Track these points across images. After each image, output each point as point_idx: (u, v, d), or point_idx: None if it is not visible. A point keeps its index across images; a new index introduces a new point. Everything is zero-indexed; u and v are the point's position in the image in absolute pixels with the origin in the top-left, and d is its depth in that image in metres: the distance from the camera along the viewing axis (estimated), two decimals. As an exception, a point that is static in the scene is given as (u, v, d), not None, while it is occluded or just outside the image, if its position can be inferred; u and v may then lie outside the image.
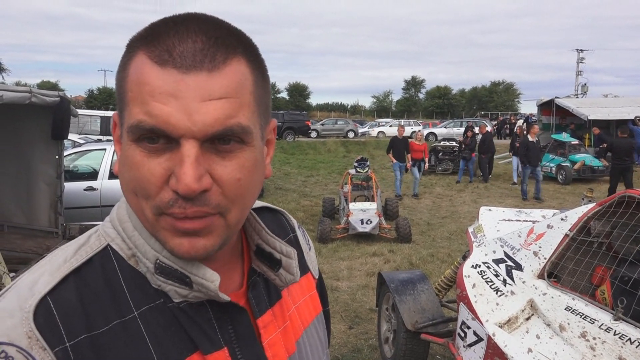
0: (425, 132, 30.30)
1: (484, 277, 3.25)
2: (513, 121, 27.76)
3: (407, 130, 36.51)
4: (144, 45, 0.62)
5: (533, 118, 28.54)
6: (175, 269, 0.66)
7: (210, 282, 0.66)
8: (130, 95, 0.62)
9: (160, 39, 0.61)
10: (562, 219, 3.09)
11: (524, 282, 2.97)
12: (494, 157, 17.11)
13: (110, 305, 0.64)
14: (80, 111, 10.62)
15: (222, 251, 0.71)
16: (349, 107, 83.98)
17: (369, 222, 8.57)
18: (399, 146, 13.03)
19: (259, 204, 0.89)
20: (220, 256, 0.72)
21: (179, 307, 0.67)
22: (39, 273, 0.65)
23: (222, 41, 0.62)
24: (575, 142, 17.15)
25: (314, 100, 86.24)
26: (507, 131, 30.17)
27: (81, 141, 12.54)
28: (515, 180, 15.21)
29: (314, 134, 33.95)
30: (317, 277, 0.95)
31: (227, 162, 0.63)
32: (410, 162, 13.19)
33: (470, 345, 3.05)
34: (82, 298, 0.63)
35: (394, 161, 13.09)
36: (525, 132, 15.65)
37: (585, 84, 43.28)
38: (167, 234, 0.64)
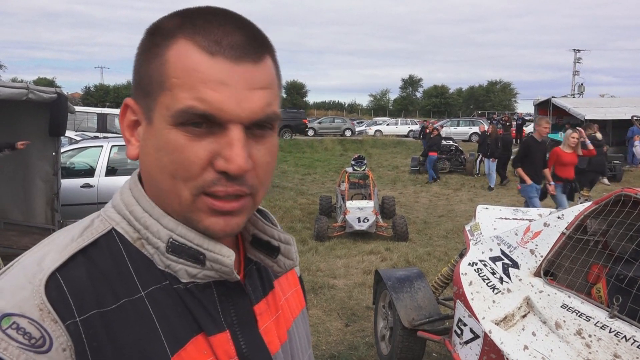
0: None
1: (481, 275, 3.27)
2: (505, 120, 27.75)
3: (403, 129, 36.71)
4: (185, 34, 0.66)
5: (526, 117, 28.56)
6: (189, 247, 0.68)
7: (226, 257, 0.68)
8: (174, 81, 0.65)
9: (207, 30, 0.66)
10: (558, 218, 3.11)
11: (520, 279, 2.99)
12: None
13: (118, 284, 0.66)
14: (77, 108, 10.61)
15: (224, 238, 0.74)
16: (346, 105, 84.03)
17: (365, 220, 8.58)
18: (537, 155, 8.00)
19: None
20: (222, 243, 0.74)
21: (185, 288, 0.69)
22: (44, 252, 0.66)
23: (259, 38, 0.69)
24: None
25: (311, 98, 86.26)
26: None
27: (78, 138, 12.51)
28: (492, 185, 14.47)
29: (311, 132, 33.91)
30: (299, 275, 0.99)
31: (261, 146, 0.69)
32: (552, 183, 8.04)
33: (466, 342, 3.06)
34: (91, 276, 0.65)
35: (529, 182, 7.87)
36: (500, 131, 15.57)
37: (582, 84, 43.39)
38: (202, 214, 0.68)
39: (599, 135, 10.94)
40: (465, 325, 3.11)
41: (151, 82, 0.67)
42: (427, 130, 20.11)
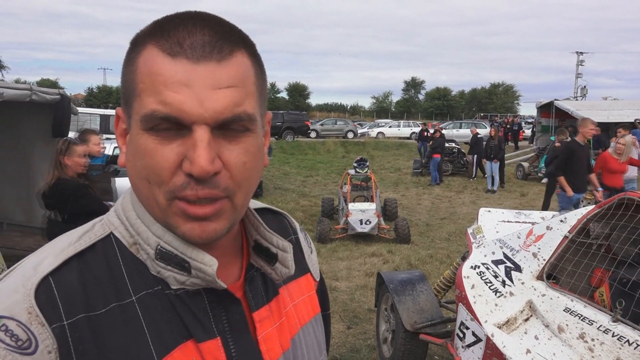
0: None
1: (483, 278, 3.26)
2: (506, 122, 27.83)
3: (406, 131, 36.68)
4: (153, 40, 0.66)
5: (528, 119, 28.49)
6: (175, 254, 0.69)
7: (209, 267, 0.68)
8: (141, 86, 0.65)
9: (171, 33, 0.65)
10: (561, 221, 3.10)
11: (523, 283, 2.98)
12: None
13: (109, 288, 0.67)
14: (79, 109, 10.61)
15: (222, 243, 0.74)
16: (348, 107, 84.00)
17: (367, 223, 8.58)
18: (581, 160, 7.22)
19: (261, 205, 0.91)
20: (220, 248, 0.74)
21: (176, 294, 0.69)
22: (44, 255, 0.68)
23: (227, 36, 0.67)
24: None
25: (313, 100, 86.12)
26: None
27: (81, 139, 12.48)
28: (490, 188, 14.50)
29: (313, 134, 33.97)
30: (317, 279, 0.97)
31: (234, 146, 0.67)
32: (599, 189, 7.41)
33: (468, 345, 3.06)
34: (83, 280, 0.66)
35: (571, 194, 7.09)
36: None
37: (584, 87, 43.19)
38: (178, 220, 0.67)
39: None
40: (467, 328, 3.10)
41: (128, 90, 0.68)
42: (425, 133, 20.61)
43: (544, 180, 14.38)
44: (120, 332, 0.65)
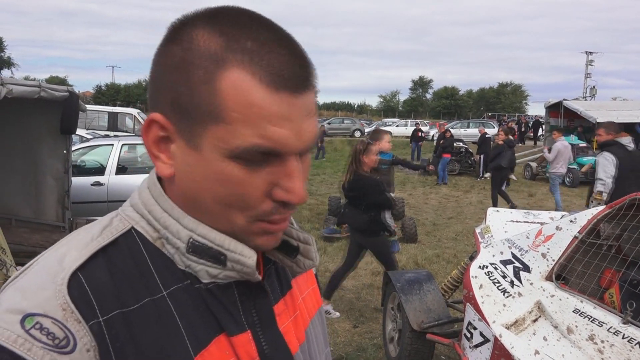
0: (432, 132, 30.29)
1: (491, 278, 3.24)
2: (508, 127, 27.84)
3: (405, 131, 36.66)
4: (240, 64, 0.61)
5: (541, 119, 28.48)
6: (209, 247, 0.67)
7: (248, 258, 0.67)
8: (234, 115, 0.61)
9: (263, 59, 0.61)
10: (571, 221, 3.07)
11: (531, 283, 2.96)
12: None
13: (139, 283, 0.65)
14: (88, 106, 10.66)
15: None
16: (355, 106, 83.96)
17: (374, 222, 8.55)
18: None
19: None
20: None
21: (206, 288, 0.68)
22: (64, 250, 0.65)
23: (306, 59, 0.66)
24: (582, 144, 17.10)
25: (320, 99, 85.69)
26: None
27: (89, 136, 12.59)
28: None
29: (320, 133, 33.96)
30: (315, 272, 0.97)
31: (302, 164, 0.68)
32: None
33: (476, 346, 3.04)
34: (112, 275, 0.64)
35: None
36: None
37: (594, 87, 42.96)
38: (255, 236, 0.69)
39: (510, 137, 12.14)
40: (475, 328, 3.09)
41: (196, 108, 0.63)
42: (418, 133, 20.73)
43: (487, 175, 14.60)
44: (154, 327, 0.63)
